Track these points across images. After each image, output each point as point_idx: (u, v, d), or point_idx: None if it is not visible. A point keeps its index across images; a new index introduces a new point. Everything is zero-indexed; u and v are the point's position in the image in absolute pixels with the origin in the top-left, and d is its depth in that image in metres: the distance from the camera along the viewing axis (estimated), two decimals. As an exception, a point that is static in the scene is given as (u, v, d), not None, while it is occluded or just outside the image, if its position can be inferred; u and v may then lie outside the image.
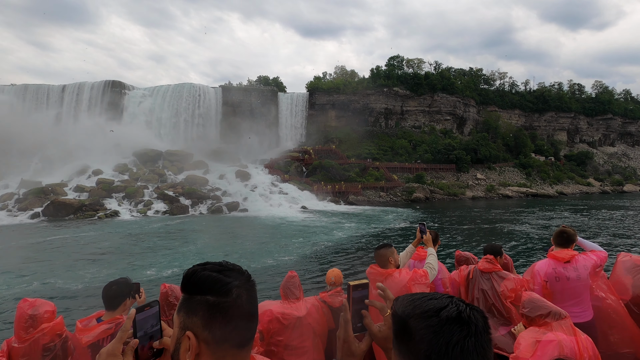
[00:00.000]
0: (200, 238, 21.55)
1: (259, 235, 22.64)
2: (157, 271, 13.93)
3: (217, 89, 77.40)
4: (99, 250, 17.83)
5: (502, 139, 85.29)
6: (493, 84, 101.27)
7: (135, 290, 2.83)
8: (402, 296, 0.92)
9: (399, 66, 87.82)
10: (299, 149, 70.84)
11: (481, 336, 0.80)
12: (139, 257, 16.37)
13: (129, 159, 53.64)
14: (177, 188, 42.86)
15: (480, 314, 0.84)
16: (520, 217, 32.65)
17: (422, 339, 0.80)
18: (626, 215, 33.50)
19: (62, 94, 69.06)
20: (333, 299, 3.58)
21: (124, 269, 14.14)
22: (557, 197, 65.79)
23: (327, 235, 22.04)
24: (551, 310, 2.47)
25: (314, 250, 17.78)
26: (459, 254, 4.97)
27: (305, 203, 44.24)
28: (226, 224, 28.07)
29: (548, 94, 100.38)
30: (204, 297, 0.95)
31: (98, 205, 34.84)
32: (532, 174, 77.41)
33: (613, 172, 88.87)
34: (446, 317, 0.80)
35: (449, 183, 64.22)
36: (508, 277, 3.90)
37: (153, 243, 20.01)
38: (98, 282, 12.07)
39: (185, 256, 16.62)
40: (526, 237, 21.75)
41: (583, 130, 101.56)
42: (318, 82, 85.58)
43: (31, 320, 2.56)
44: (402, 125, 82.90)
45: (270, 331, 3.28)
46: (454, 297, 0.87)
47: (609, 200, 53.98)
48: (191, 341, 0.93)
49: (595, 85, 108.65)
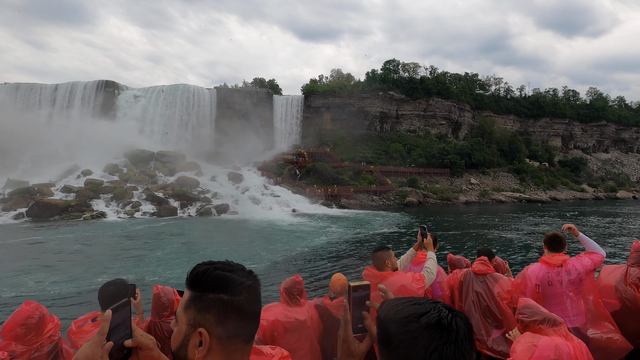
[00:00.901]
0: (174, 242, 20.88)
1: (237, 239, 22.15)
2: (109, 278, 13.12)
3: (211, 91, 77.10)
4: (58, 256, 16.85)
5: (497, 144, 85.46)
6: (488, 89, 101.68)
7: (131, 291, 2.85)
8: (387, 300, 0.93)
9: (395, 70, 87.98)
10: (293, 151, 70.58)
11: (462, 343, 0.79)
12: (98, 263, 15.63)
13: (120, 159, 53.12)
14: (167, 190, 42.40)
15: (464, 320, 0.83)
16: (509, 222, 32.49)
17: (400, 344, 0.80)
18: (613, 222, 33.42)
19: (55, 94, 68.50)
20: (337, 309, 3.57)
21: (71, 277, 13.15)
22: (550, 202, 65.79)
23: (307, 240, 21.54)
24: (546, 316, 2.50)
25: (288, 257, 17.22)
26: (451, 257, 5.03)
27: (297, 206, 43.91)
28: (210, 227, 27.61)
29: (543, 99, 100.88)
30: (218, 295, 0.99)
31: (85, 206, 34.34)
32: (526, 179, 77.52)
33: (607, 178, 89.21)
34: (425, 323, 0.80)
35: (442, 187, 64.12)
36: (502, 279, 3.96)
37: (124, 246, 19.30)
38: (36, 292, 11.41)
39: (144, 262, 15.82)
40: (516, 242, 21.54)
41: (577, 137, 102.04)
42: (314, 84, 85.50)
43: (34, 325, 2.57)
44: (397, 129, 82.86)
45: (273, 334, 3.29)
46: (439, 302, 0.87)
47: (601, 207, 54.01)
48: (204, 337, 0.97)
49: (589, 92, 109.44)
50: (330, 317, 3.61)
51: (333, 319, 3.57)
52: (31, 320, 2.56)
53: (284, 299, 3.50)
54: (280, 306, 3.46)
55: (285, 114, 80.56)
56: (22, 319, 2.56)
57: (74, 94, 68.17)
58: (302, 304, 3.50)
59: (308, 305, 3.56)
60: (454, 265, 4.89)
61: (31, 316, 2.57)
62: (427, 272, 3.36)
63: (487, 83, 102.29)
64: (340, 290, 3.74)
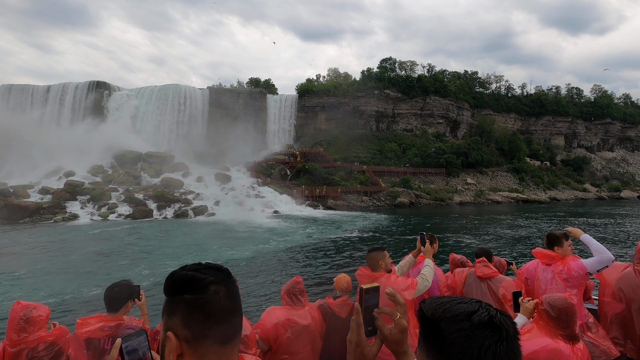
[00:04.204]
0: (110, 245, 20.03)
1: (190, 242, 21.19)
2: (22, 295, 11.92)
3: (204, 91, 76.48)
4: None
5: (496, 143, 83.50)
6: (489, 87, 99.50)
7: (136, 293, 2.87)
8: (429, 299, 0.94)
9: (392, 68, 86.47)
10: (286, 151, 69.63)
11: (512, 341, 0.81)
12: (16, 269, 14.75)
13: (106, 160, 52.61)
14: (149, 191, 41.67)
15: (510, 319, 0.85)
16: (486, 226, 31.06)
17: (454, 342, 0.80)
18: (609, 222, 31.75)
19: (47, 95, 68.41)
20: (341, 308, 3.57)
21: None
22: (548, 203, 63.78)
23: (264, 244, 20.35)
24: (570, 331, 2.44)
25: (233, 260, 16.26)
26: (453, 256, 4.99)
27: (280, 207, 42.87)
28: (177, 229, 26.60)
29: (545, 97, 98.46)
30: (182, 297, 0.97)
31: (58, 208, 33.68)
32: (525, 179, 75.49)
33: (611, 177, 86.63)
34: (478, 322, 0.81)
35: (437, 188, 62.54)
36: (506, 280, 3.90)
37: (54, 253, 18.27)
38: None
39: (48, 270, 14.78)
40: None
41: (581, 135, 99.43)
42: (309, 84, 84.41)
43: (24, 323, 2.60)
44: (394, 128, 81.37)
45: (275, 338, 3.26)
46: (482, 301, 0.88)
47: (601, 207, 52.05)
48: (172, 340, 0.95)
49: (594, 89, 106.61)
50: (333, 317, 3.58)
51: (336, 318, 3.56)
52: (15, 319, 2.61)
53: (286, 302, 3.48)
54: (282, 310, 3.43)
55: (279, 113, 79.58)
56: (9, 318, 2.64)
57: (65, 95, 67.96)
58: (303, 305, 3.48)
59: (310, 308, 3.53)
60: (457, 265, 4.81)
61: (15, 316, 2.63)
62: (422, 279, 3.31)
63: (488, 81, 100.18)
64: (345, 288, 3.71)
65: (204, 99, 74.79)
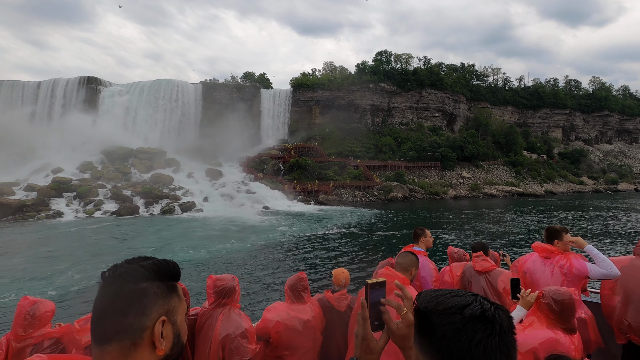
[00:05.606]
0: (82, 243, 19.50)
1: (155, 241, 20.52)
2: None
3: (197, 85, 75.66)
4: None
5: (493, 136, 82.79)
6: (486, 80, 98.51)
7: None
8: (424, 291, 0.93)
9: (387, 62, 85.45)
10: (280, 146, 68.97)
11: (505, 335, 0.80)
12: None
13: (96, 157, 52.02)
14: (137, 187, 41.16)
15: (505, 313, 0.84)
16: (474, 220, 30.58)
17: (444, 335, 0.81)
18: (597, 216, 31.26)
19: (37, 91, 67.64)
20: (339, 302, 3.58)
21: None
22: (544, 196, 63.27)
23: (231, 243, 19.65)
24: (571, 323, 2.50)
25: (187, 262, 15.61)
26: (451, 250, 4.93)
27: (271, 203, 42.37)
28: (152, 227, 25.83)
29: (543, 90, 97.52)
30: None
31: (42, 205, 33.19)
32: (522, 172, 74.91)
33: (608, 170, 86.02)
34: (470, 315, 0.81)
35: (431, 182, 61.98)
36: (504, 273, 3.90)
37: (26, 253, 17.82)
38: None
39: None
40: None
41: (579, 128, 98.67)
42: (303, 78, 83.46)
43: (31, 319, 2.61)
44: (389, 122, 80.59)
45: (275, 333, 3.24)
46: (478, 295, 0.87)
47: (597, 201, 51.53)
48: None
49: (592, 82, 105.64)
50: (332, 311, 3.58)
51: (335, 312, 3.56)
52: (21, 314, 2.61)
53: (288, 297, 3.46)
54: (283, 305, 3.42)
55: (273, 108, 78.76)
56: (16, 313, 2.63)
57: (55, 91, 67.19)
58: (305, 301, 3.46)
59: (311, 303, 3.50)
60: (454, 259, 4.73)
61: (22, 311, 2.62)
62: None
63: (485, 74, 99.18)
64: (344, 283, 3.68)
65: (196, 94, 73.98)
